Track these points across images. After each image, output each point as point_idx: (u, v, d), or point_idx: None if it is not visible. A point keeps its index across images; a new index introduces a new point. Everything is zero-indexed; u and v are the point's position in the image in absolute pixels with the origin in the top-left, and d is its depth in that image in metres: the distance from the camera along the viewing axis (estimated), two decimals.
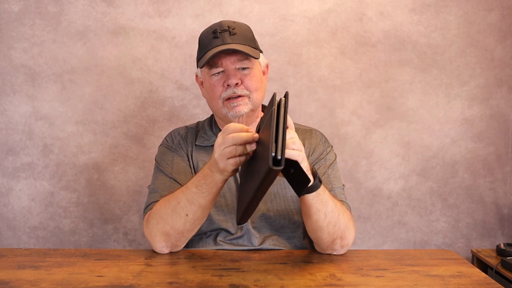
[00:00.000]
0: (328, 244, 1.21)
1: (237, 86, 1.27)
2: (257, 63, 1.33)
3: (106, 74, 1.98)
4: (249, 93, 1.29)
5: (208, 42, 1.30)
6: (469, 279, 1.06)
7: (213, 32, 1.29)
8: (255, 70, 1.31)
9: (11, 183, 2.00)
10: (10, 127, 1.98)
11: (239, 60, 1.28)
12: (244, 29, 1.32)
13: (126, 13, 1.96)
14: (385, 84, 2.05)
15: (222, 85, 1.28)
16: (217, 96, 1.29)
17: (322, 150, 1.37)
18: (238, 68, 1.29)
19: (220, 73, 1.29)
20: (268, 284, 1.01)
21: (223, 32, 1.29)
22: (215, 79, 1.29)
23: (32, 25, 1.95)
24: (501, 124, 2.09)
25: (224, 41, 1.27)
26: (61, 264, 1.12)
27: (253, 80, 1.29)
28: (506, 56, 2.07)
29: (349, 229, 1.21)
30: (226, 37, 1.28)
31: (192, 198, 1.13)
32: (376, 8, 2.02)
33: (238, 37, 1.29)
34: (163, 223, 1.18)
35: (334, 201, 1.18)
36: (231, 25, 1.30)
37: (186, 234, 1.20)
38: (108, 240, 2.03)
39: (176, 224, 1.17)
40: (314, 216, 1.16)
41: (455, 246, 2.11)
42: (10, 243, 2.00)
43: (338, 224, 1.18)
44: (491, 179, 2.11)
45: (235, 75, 1.27)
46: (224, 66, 1.28)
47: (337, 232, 1.18)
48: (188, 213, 1.15)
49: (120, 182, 2.01)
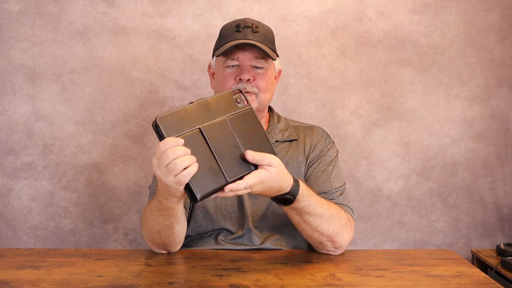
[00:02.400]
0: (316, 245, 1.22)
1: (249, 82, 1.29)
2: (272, 66, 1.35)
3: (106, 74, 1.98)
4: (258, 91, 1.30)
5: (229, 34, 1.32)
6: (469, 279, 1.06)
7: (236, 26, 1.31)
8: (268, 72, 1.33)
9: (11, 183, 2.00)
10: (10, 127, 1.98)
11: (256, 57, 1.30)
12: (267, 30, 1.35)
13: (126, 13, 1.96)
14: (385, 84, 2.05)
15: (234, 78, 1.30)
16: (227, 88, 1.30)
17: (323, 147, 1.38)
18: (253, 65, 1.31)
19: (234, 67, 1.31)
20: (268, 284, 1.01)
21: (246, 27, 1.31)
22: (228, 71, 1.31)
23: (32, 25, 1.95)
24: (501, 124, 2.09)
25: (245, 36, 1.29)
26: (61, 264, 1.12)
27: (264, 80, 1.31)
28: (506, 56, 2.07)
29: (339, 234, 1.19)
30: (248, 33, 1.30)
31: (157, 219, 1.12)
32: (376, 8, 2.02)
33: (260, 35, 1.31)
34: (146, 233, 1.20)
35: (322, 205, 1.16)
36: (255, 23, 1.32)
37: (168, 244, 1.19)
38: (108, 240, 2.03)
39: (153, 237, 1.18)
40: (301, 226, 1.18)
41: (455, 246, 2.11)
42: (10, 243, 2.00)
43: (326, 228, 1.17)
44: (491, 179, 2.11)
45: (249, 71, 1.29)
46: (240, 60, 1.30)
47: (322, 237, 1.19)
48: (160, 231, 1.15)
49: (120, 182, 2.01)
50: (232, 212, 1.31)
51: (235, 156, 0.98)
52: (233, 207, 1.31)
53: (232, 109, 1.02)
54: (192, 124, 0.96)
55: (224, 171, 0.96)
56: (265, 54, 1.28)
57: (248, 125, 1.03)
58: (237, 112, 1.02)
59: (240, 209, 1.31)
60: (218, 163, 0.95)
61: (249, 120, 1.03)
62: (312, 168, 1.34)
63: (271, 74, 1.35)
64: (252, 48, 1.29)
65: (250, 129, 1.03)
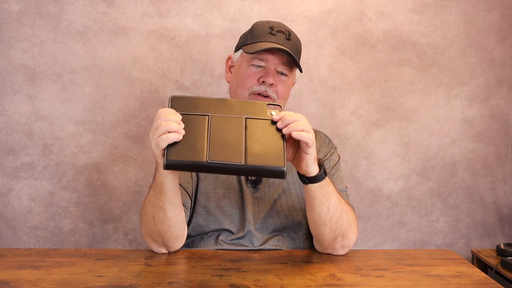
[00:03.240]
0: (329, 242, 1.20)
1: (272, 86, 1.29)
2: (293, 75, 1.37)
3: (106, 74, 1.98)
4: (276, 98, 1.31)
5: (263, 34, 1.31)
6: (469, 279, 1.06)
7: (271, 27, 1.31)
8: (289, 81, 1.35)
9: (11, 183, 2.00)
10: (10, 127, 1.98)
11: (283, 64, 1.31)
12: (297, 41, 1.36)
13: (126, 13, 1.97)
14: (385, 84, 2.05)
15: (257, 79, 1.30)
16: (247, 86, 1.30)
17: (326, 152, 1.39)
18: (278, 71, 1.31)
19: (260, 68, 1.31)
20: (268, 284, 1.01)
21: (280, 32, 1.31)
22: (253, 70, 1.31)
23: (32, 25, 1.95)
24: (501, 124, 2.09)
25: (278, 41, 1.29)
26: (61, 264, 1.12)
27: (285, 88, 1.32)
28: (506, 56, 2.07)
29: (351, 228, 1.20)
30: (282, 38, 1.30)
31: (151, 200, 1.13)
32: (376, 8, 2.02)
33: (291, 44, 1.31)
34: (144, 226, 1.20)
35: (339, 197, 1.18)
36: (288, 30, 1.33)
37: (164, 235, 1.17)
38: (108, 240, 2.03)
39: (150, 227, 1.17)
40: (317, 209, 1.15)
41: (455, 246, 2.11)
42: (10, 243, 2.00)
43: (340, 220, 1.17)
44: (491, 179, 2.11)
45: (274, 76, 1.30)
46: (267, 63, 1.30)
47: (339, 229, 1.18)
48: (154, 216, 1.14)
49: (120, 182, 2.01)
50: (234, 213, 1.31)
51: (228, 145, 0.97)
52: (235, 208, 1.31)
53: (260, 114, 1.01)
54: (202, 110, 0.99)
55: (208, 151, 0.95)
56: (294, 63, 1.29)
57: (266, 133, 1.00)
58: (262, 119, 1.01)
59: (242, 210, 1.31)
60: (207, 143, 0.95)
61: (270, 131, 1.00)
62: None
63: (291, 83, 1.37)
64: (282, 54, 1.29)
65: (266, 136, 1.00)
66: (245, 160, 0.96)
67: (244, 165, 0.95)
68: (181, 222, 1.18)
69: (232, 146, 0.97)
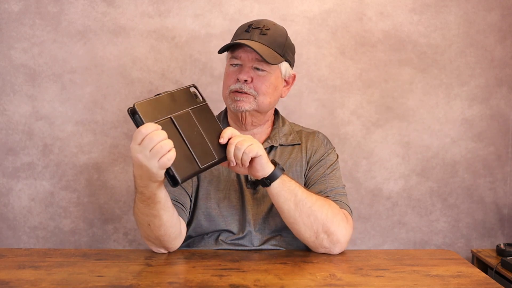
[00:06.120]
0: (313, 240, 1.21)
1: (246, 83, 1.29)
2: (277, 70, 1.33)
3: (106, 74, 1.98)
4: (256, 94, 1.30)
5: (239, 33, 1.33)
6: (469, 279, 1.06)
7: (248, 25, 1.33)
8: (271, 75, 1.31)
9: (11, 183, 2.00)
10: (10, 127, 1.98)
11: (258, 60, 1.29)
12: (278, 34, 1.33)
13: (126, 13, 1.97)
14: (385, 84, 2.05)
15: (235, 77, 1.31)
16: (227, 85, 1.32)
17: (323, 152, 1.39)
18: (254, 67, 1.30)
19: (237, 66, 1.32)
20: (268, 284, 1.02)
21: (255, 29, 1.31)
22: (231, 70, 1.33)
23: (32, 25, 1.95)
24: (501, 124, 2.09)
25: (251, 37, 1.29)
26: (61, 264, 1.12)
27: (264, 83, 1.30)
28: (506, 56, 2.07)
29: (334, 223, 1.20)
30: (255, 34, 1.30)
31: (143, 211, 1.13)
32: (376, 8, 2.02)
33: (267, 38, 1.30)
34: (141, 230, 1.20)
35: (306, 192, 1.20)
36: (266, 25, 1.32)
37: (162, 238, 1.18)
38: (108, 240, 2.03)
39: (147, 232, 1.18)
40: (285, 207, 1.18)
41: (455, 246, 2.11)
42: (10, 243, 2.00)
43: (313, 215, 1.18)
44: (491, 179, 2.11)
45: (247, 72, 1.29)
46: (242, 60, 1.31)
47: (316, 224, 1.18)
48: (149, 223, 1.15)
49: (120, 182, 2.01)
50: (234, 214, 1.31)
51: (202, 145, 1.07)
52: (235, 209, 1.31)
53: (193, 102, 1.10)
54: (163, 113, 1.03)
55: (196, 158, 1.04)
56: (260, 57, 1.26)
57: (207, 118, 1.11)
58: (197, 106, 1.10)
59: (242, 211, 1.31)
60: (190, 150, 1.03)
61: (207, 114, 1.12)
62: (311, 172, 1.36)
63: (275, 78, 1.33)
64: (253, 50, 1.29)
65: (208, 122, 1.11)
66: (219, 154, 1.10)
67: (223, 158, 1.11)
68: (176, 221, 1.18)
69: (202, 144, 1.07)
